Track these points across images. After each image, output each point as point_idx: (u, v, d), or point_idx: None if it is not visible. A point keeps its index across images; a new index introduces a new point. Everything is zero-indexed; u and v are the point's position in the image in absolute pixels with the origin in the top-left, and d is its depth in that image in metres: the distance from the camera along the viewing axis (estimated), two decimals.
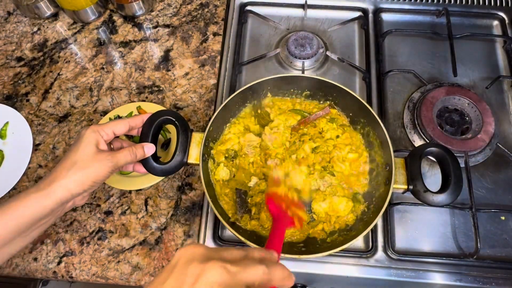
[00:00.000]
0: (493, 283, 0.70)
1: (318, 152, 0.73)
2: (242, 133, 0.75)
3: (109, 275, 0.72)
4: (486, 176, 0.79)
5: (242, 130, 0.75)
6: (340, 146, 0.73)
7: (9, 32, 0.98)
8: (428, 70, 0.91)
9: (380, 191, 0.67)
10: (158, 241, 0.74)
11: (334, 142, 0.74)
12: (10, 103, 0.88)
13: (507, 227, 0.75)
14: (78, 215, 0.76)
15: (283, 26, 0.97)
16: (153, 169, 0.65)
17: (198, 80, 0.90)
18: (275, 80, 0.74)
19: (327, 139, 0.74)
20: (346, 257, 0.72)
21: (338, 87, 0.73)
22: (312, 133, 0.75)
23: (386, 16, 0.98)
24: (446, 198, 0.62)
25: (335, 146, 0.73)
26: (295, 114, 0.77)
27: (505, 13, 0.96)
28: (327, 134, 0.75)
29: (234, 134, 0.75)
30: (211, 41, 0.95)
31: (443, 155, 0.65)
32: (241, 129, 0.76)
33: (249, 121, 0.77)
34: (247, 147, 0.74)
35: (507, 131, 0.84)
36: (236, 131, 0.75)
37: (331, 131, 0.75)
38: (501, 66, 0.92)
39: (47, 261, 0.73)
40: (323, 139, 0.74)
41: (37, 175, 0.80)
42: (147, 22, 0.98)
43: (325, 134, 0.75)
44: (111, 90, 0.90)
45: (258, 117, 0.77)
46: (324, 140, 0.74)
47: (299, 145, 0.74)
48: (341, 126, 0.76)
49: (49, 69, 0.92)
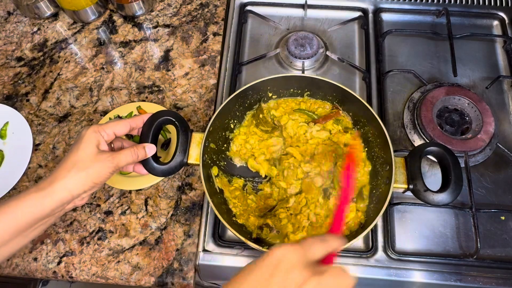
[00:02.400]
0: (493, 283, 0.70)
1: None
2: (259, 140, 0.75)
3: (109, 275, 0.72)
4: (486, 176, 0.79)
5: (257, 138, 0.76)
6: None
7: (9, 32, 0.98)
8: (428, 70, 0.91)
9: (380, 191, 0.67)
10: (158, 241, 0.74)
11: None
12: (10, 103, 0.88)
13: (507, 227, 0.75)
14: (78, 215, 0.76)
15: (283, 26, 0.97)
16: (153, 170, 0.64)
17: (198, 80, 0.90)
18: (275, 80, 0.74)
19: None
20: (346, 257, 0.72)
21: (338, 87, 0.73)
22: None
23: (386, 16, 0.98)
24: (446, 197, 0.62)
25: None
26: (301, 114, 0.77)
27: (505, 13, 0.96)
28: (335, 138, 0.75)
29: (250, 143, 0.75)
30: (211, 41, 0.95)
31: (443, 154, 0.65)
32: (256, 138, 0.76)
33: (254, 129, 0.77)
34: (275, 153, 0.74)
35: (507, 131, 0.84)
36: (254, 140, 0.76)
37: (339, 136, 0.75)
38: (501, 66, 0.92)
39: (47, 261, 0.73)
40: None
41: (37, 175, 0.80)
42: (147, 22, 0.99)
43: (332, 137, 0.75)
44: (111, 90, 0.90)
45: (260, 123, 0.76)
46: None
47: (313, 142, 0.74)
48: (346, 129, 0.76)
49: (49, 69, 0.92)
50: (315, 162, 0.72)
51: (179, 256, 0.73)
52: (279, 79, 0.75)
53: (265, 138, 0.76)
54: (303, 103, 0.78)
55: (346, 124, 0.76)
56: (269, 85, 0.76)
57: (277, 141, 0.74)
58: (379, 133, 0.69)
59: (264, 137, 0.76)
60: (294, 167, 0.72)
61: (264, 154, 0.74)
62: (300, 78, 0.77)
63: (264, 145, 0.75)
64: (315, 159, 0.72)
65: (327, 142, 0.75)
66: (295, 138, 0.75)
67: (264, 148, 0.75)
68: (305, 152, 0.73)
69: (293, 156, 0.73)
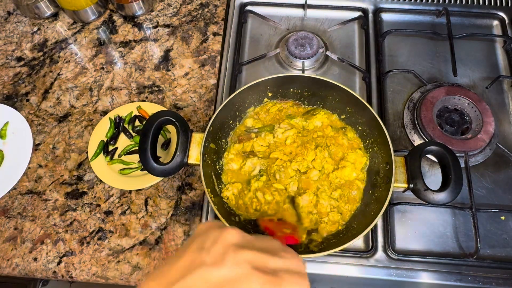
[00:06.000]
0: (493, 283, 0.70)
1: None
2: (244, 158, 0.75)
3: (109, 275, 0.72)
4: (486, 176, 0.79)
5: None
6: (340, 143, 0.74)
7: (9, 32, 0.98)
8: (428, 70, 0.91)
9: (380, 191, 0.67)
10: (158, 241, 0.74)
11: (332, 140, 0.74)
12: (10, 103, 0.88)
13: (507, 227, 0.75)
14: (78, 215, 0.76)
15: (283, 26, 0.97)
16: (153, 170, 0.64)
17: (198, 80, 0.90)
18: (275, 80, 0.74)
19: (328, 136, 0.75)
20: (346, 257, 0.72)
21: (338, 87, 0.72)
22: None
23: (386, 16, 0.98)
24: (446, 196, 0.62)
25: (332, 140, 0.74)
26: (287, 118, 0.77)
27: (505, 13, 0.96)
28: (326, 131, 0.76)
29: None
30: (211, 41, 0.95)
31: (443, 153, 0.65)
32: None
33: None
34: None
35: (507, 131, 0.84)
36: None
37: (312, 122, 0.77)
38: (501, 66, 0.92)
39: (47, 261, 0.73)
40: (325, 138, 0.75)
41: (37, 175, 0.80)
42: (147, 22, 0.99)
43: (307, 126, 0.77)
44: (111, 90, 0.90)
45: (241, 140, 0.76)
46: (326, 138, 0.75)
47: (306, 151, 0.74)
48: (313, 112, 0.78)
49: (49, 69, 0.92)
50: (299, 157, 0.73)
51: None
52: (279, 79, 0.75)
53: (241, 162, 0.75)
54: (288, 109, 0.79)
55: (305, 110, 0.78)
56: (269, 85, 0.76)
57: (252, 162, 0.74)
58: (379, 133, 0.69)
59: (240, 160, 0.75)
60: (283, 167, 0.72)
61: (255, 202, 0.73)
62: (300, 78, 0.77)
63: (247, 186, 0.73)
64: (298, 153, 0.73)
65: (303, 133, 0.76)
66: (274, 145, 0.75)
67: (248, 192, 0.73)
68: (288, 152, 0.74)
69: (278, 158, 0.73)
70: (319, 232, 0.69)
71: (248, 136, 0.76)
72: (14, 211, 0.77)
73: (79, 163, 0.81)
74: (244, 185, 0.72)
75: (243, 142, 0.75)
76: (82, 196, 0.78)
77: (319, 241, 0.67)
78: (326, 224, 0.69)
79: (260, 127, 0.77)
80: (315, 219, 0.69)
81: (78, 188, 0.79)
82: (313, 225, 0.69)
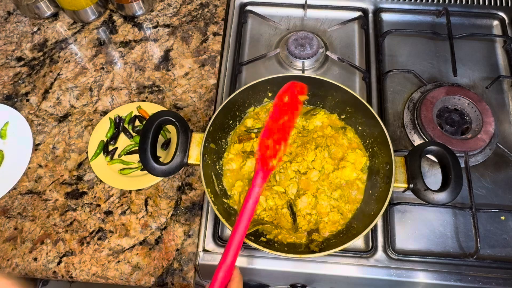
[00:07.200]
0: (493, 283, 0.70)
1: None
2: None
3: (109, 275, 0.72)
4: (486, 176, 0.79)
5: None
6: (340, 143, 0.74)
7: (9, 32, 0.98)
8: (428, 70, 0.91)
9: (380, 191, 0.67)
10: (158, 241, 0.74)
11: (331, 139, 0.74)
12: (10, 103, 0.88)
13: (507, 227, 0.75)
14: (78, 215, 0.76)
15: (283, 26, 0.97)
16: (153, 170, 0.64)
17: (198, 80, 0.90)
18: (275, 80, 0.74)
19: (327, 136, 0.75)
20: (346, 257, 0.72)
21: (338, 87, 0.73)
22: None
23: (386, 16, 0.98)
24: (446, 196, 0.62)
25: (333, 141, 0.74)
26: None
27: (505, 13, 0.96)
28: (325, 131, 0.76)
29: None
30: (211, 41, 0.95)
31: (443, 153, 0.65)
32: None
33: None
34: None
35: (507, 131, 0.84)
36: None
37: (313, 122, 0.77)
38: (501, 66, 0.92)
39: (47, 261, 0.73)
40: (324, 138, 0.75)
41: (37, 175, 0.80)
42: (147, 22, 0.99)
43: (307, 126, 0.77)
44: (111, 90, 0.90)
45: (241, 140, 0.76)
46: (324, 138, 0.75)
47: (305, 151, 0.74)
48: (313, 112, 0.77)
49: (49, 69, 0.92)
50: (299, 157, 0.72)
51: (179, 256, 0.73)
52: (279, 79, 0.75)
53: (241, 162, 0.75)
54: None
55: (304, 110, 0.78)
56: (269, 85, 0.76)
57: (252, 162, 0.74)
58: (379, 133, 0.69)
59: (240, 160, 0.75)
60: (283, 168, 0.72)
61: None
62: (300, 78, 0.77)
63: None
64: (298, 154, 0.73)
65: (303, 133, 0.76)
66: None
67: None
68: (288, 152, 0.74)
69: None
70: (320, 232, 0.69)
71: (248, 136, 0.76)
72: (14, 211, 0.77)
73: (79, 163, 0.81)
74: (245, 182, 0.72)
75: (243, 142, 0.75)
76: (82, 196, 0.78)
77: (320, 241, 0.68)
78: (326, 224, 0.69)
79: (260, 127, 0.77)
80: (314, 220, 0.69)
81: (78, 188, 0.79)
82: (313, 225, 0.70)
